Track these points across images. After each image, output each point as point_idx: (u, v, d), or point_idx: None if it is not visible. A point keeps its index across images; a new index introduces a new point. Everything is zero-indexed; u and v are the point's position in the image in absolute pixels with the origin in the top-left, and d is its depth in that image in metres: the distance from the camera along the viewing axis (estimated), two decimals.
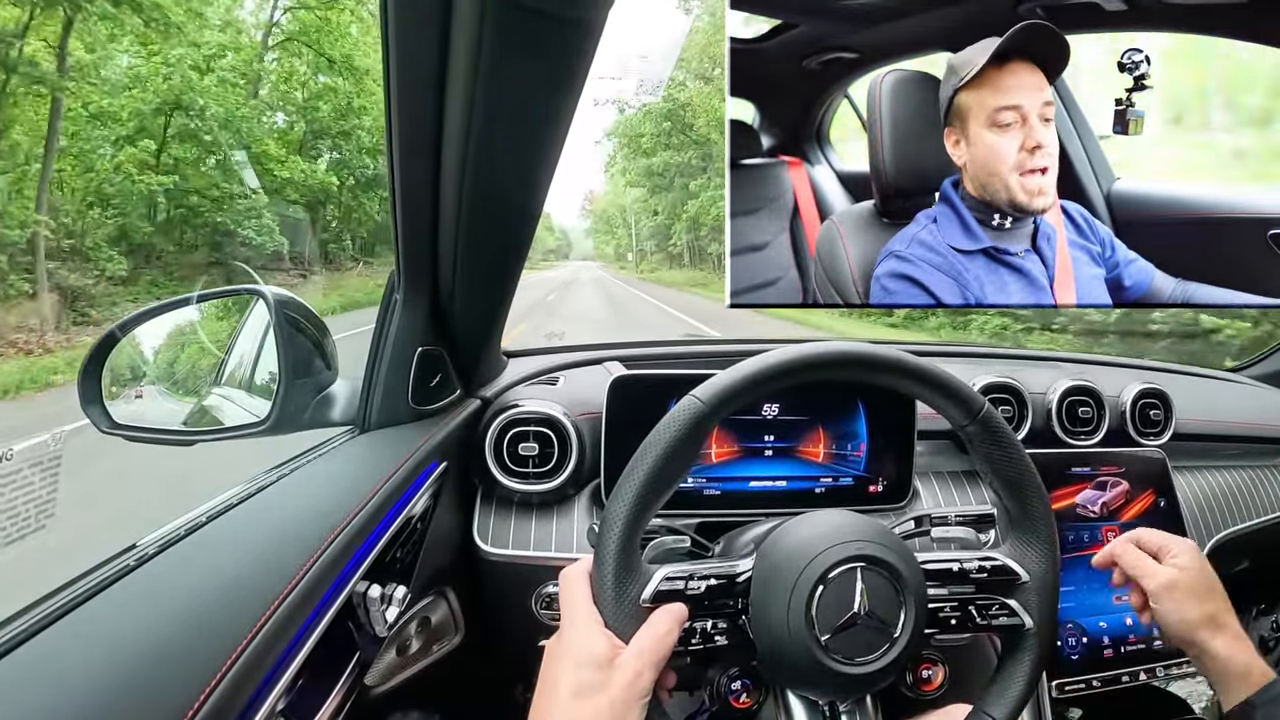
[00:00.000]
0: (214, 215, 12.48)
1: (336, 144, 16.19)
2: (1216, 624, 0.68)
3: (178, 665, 0.46)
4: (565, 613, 0.56)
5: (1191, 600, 0.68)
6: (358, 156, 16.04)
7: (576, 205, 56.90)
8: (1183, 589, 0.69)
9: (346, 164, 16.15)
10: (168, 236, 12.37)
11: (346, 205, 16.47)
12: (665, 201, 24.03)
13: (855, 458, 1.02)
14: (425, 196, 0.72)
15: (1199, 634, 0.67)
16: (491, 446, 0.96)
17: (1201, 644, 0.67)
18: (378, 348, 0.87)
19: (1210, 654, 0.67)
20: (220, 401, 0.98)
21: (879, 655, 0.56)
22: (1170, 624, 0.69)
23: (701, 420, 0.57)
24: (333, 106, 15.66)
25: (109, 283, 10.48)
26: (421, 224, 0.75)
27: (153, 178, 11.73)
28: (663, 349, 1.35)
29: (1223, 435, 1.33)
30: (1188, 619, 0.68)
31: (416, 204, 0.73)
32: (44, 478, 0.65)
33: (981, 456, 0.64)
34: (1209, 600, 0.69)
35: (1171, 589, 0.69)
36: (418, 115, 0.64)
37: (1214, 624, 0.68)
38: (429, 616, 0.90)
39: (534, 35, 0.54)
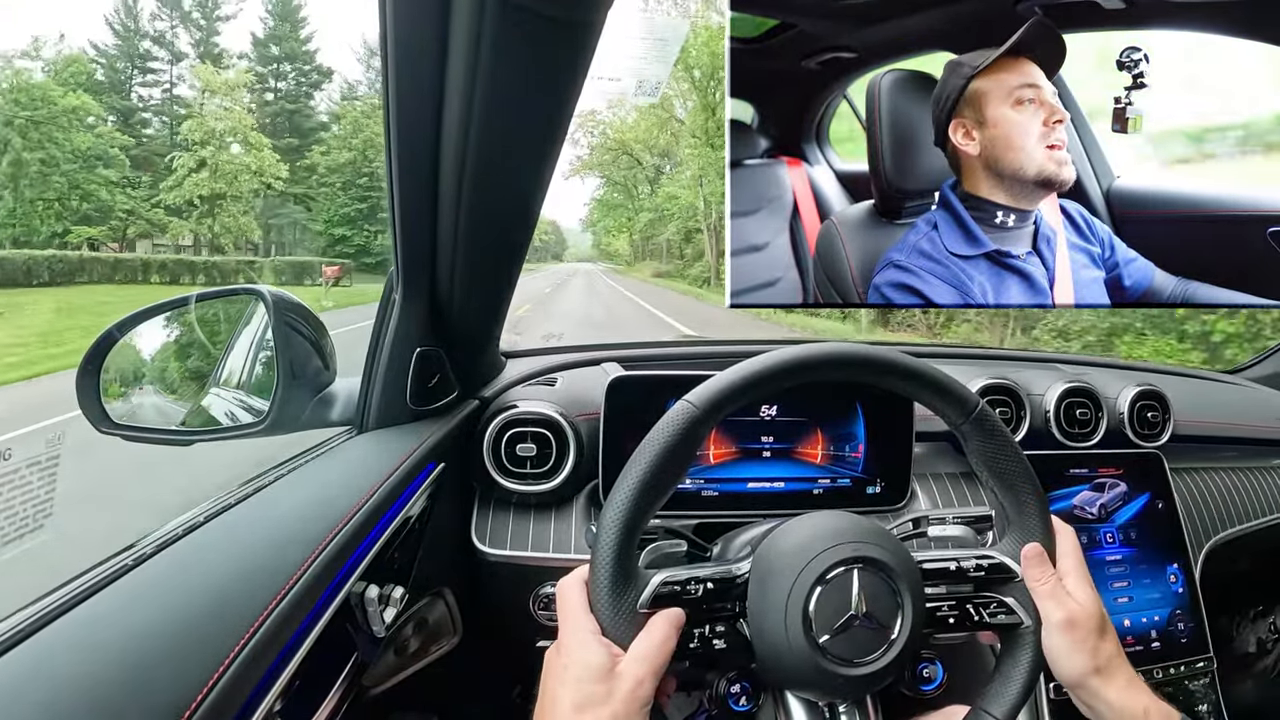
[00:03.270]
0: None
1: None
2: (1110, 670, 0.60)
3: (175, 665, 0.46)
4: (563, 622, 0.56)
5: (1091, 640, 0.60)
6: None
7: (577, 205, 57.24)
8: (1083, 629, 0.60)
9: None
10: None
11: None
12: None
13: (853, 459, 1.02)
14: (424, 197, 0.72)
15: (1091, 680, 0.60)
16: (490, 447, 0.96)
17: (1094, 690, 0.60)
18: (376, 348, 0.87)
19: (1104, 701, 0.59)
20: (218, 401, 0.98)
21: (877, 656, 0.56)
22: (1061, 665, 0.61)
23: (696, 424, 0.56)
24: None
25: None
26: (420, 224, 0.75)
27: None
28: (660, 350, 1.35)
29: (1220, 437, 1.33)
30: (1081, 663, 0.60)
31: (415, 204, 0.73)
32: (42, 478, 0.65)
33: (977, 455, 0.64)
34: (1105, 642, 0.61)
35: (1071, 628, 0.60)
36: (416, 116, 0.64)
37: (1108, 670, 0.60)
38: (427, 617, 0.89)
39: (532, 35, 0.54)
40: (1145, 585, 1.10)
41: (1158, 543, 1.12)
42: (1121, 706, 0.59)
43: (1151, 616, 1.09)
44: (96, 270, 17.04)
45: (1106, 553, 1.09)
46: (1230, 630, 1.45)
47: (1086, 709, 0.62)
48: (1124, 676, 0.61)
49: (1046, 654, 0.62)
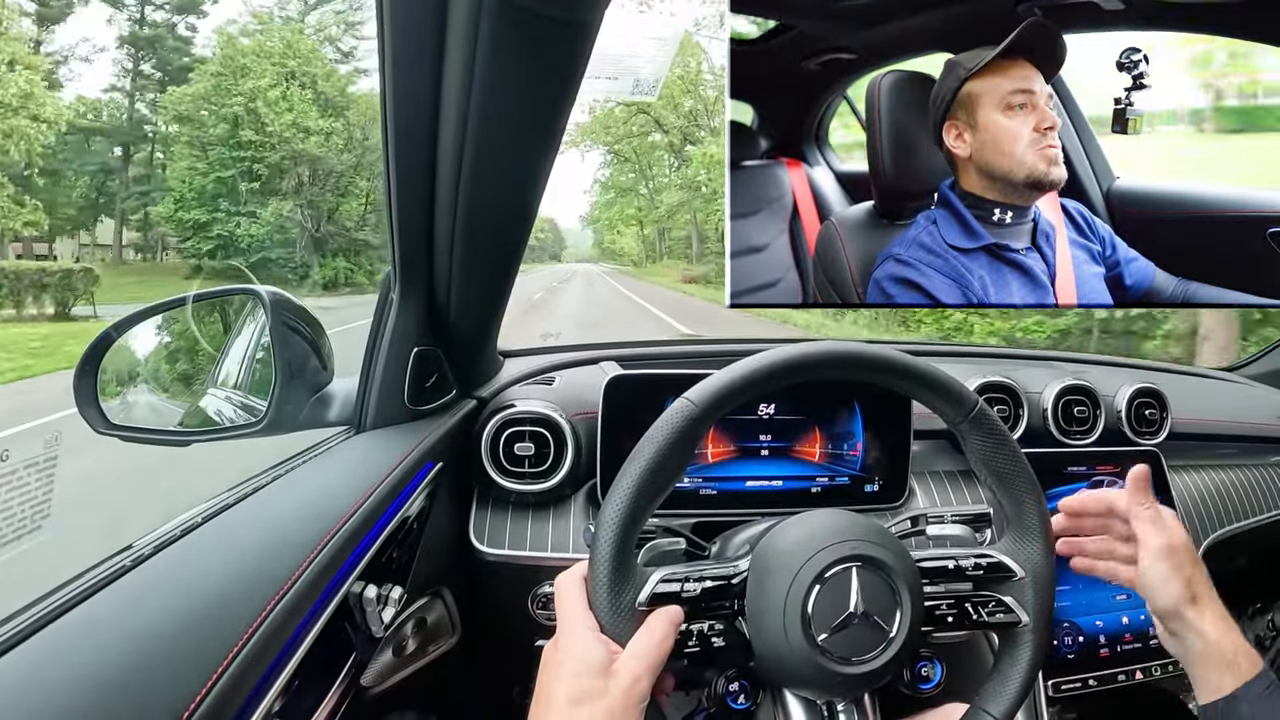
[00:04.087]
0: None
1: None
2: (1202, 600, 0.62)
3: (173, 666, 0.46)
4: (561, 618, 0.56)
5: (1188, 568, 0.62)
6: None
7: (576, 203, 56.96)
8: (1181, 554, 0.62)
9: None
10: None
11: None
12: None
13: (851, 457, 1.02)
14: (421, 196, 0.72)
15: (1187, 609, 0.61)
16: (488, 446, 0.96)
17: (1188, 620, 0.61)
18: (373, 348, 0.87)
19: (1196, 632, 0.61)
20: (216, 402, 0.98)
21: (876, 654, 0.56)
22: (1159, 593, 0.62)
23: (695, 423, 0.57)
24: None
25: None
26: (417, 224, 0.75)
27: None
28: (658, 349, 1.35)
29: (1218, 435, 1.33)
30: (1177, 590, 0.62)
31: (412, 203, 0.73)
32: (39, 478, 0.65)
33: (975, 453, 0.64)
34: (1197, 572, 0.63)
35: (1172, 553, 0.62)
36: (413, 115, 0.64)
37: (1203, 600, 0.62)
38: (425, 617, 0.89)
39: (529, 35, 0.54)
40: None
41: None
42: (1216, 639, 0.60)
43: (1150, 614, 1.08)
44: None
45: None
46: None
47: (1173, 641, 0.63)
48: (1218, 610, 0.62)
49: (1142, 581, 0.64)
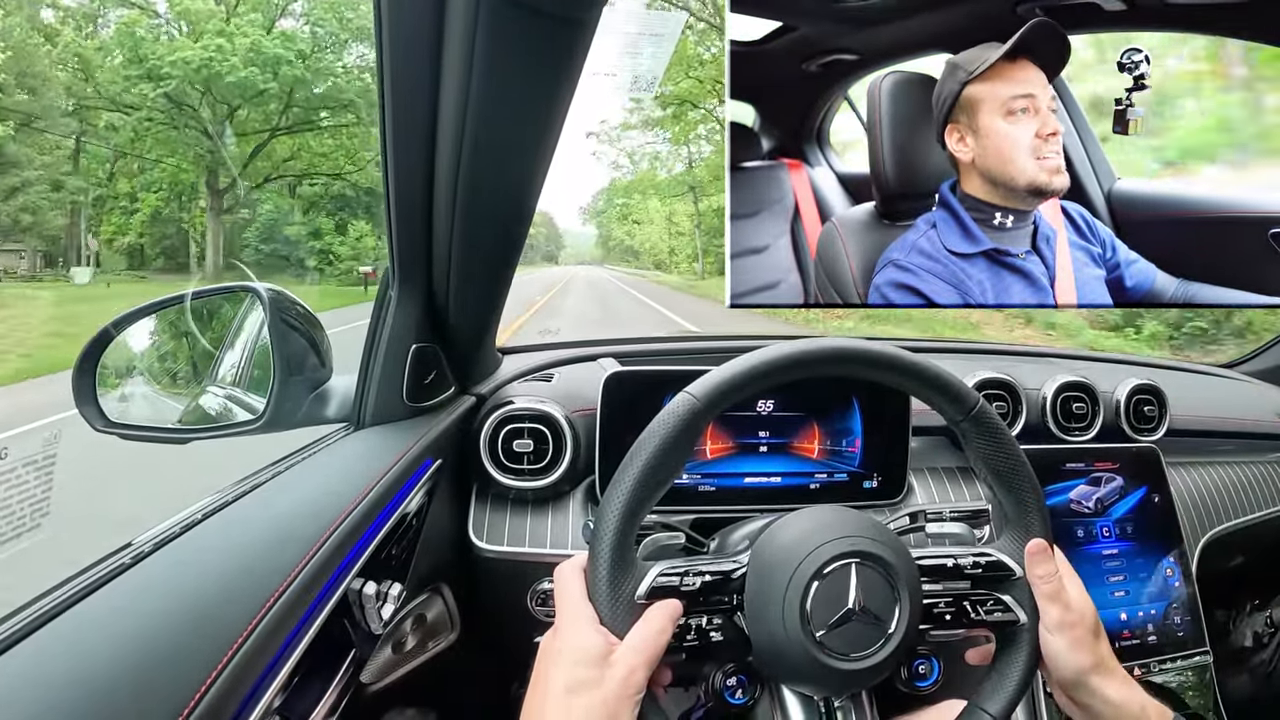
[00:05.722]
0: None
1: None
2: (1107, 668, 0.61)
3: (173, 663, 0.46)
4: (560, 608, 0.56)
5: (1090, 638, 0.61)
6: None
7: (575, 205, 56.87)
8: (1082, 627, 0.61)
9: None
10: None
11: None
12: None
13: (850, 453, 1.02)
14: (419, 193, 0.72)
15: (1091, 678, 0.60)
16: (486, 443, 0.96)
17: (1094, 688, 0.60)
18: (372, 344, 0.87)
19: (1101, 699, 0.60)
20: (215, 399, 0.98)
21: (874, 651, 0.56)
22: (1060, 664, 0.61)
23: (696, 417, 0.57)
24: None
25: None
26: (416, 220, 0.75)
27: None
28: (657, 345, 1.35)
29: (1217, 431, 1.33)
30: (1079, 661, 0.61)
31: (411, 200, 0.72)
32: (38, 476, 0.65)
33: (975, 451, 0.64)
34: (1101, 641, 0.62)
35: (1070, 627, 0.61)
36: (412, 112, 0.64)
37: (1106, 667, 0.61)
38: (424, 613, 0.90)
39: (528, 32, 0.54)
40: (1141, 579, 1.10)
41: (1154, 537, 1.12)
42: (1121, 702, 0.60)
43: (1148, 611, 1.09)
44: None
45: (1103, 547, 1.10)
46: (1227, 624, 1.46)
47: (1080, 710, 0.62)
48: (1120, 674, 0.62)
49: (1045, 652, 0.62)
